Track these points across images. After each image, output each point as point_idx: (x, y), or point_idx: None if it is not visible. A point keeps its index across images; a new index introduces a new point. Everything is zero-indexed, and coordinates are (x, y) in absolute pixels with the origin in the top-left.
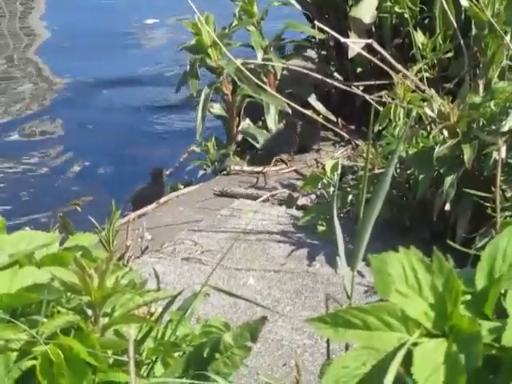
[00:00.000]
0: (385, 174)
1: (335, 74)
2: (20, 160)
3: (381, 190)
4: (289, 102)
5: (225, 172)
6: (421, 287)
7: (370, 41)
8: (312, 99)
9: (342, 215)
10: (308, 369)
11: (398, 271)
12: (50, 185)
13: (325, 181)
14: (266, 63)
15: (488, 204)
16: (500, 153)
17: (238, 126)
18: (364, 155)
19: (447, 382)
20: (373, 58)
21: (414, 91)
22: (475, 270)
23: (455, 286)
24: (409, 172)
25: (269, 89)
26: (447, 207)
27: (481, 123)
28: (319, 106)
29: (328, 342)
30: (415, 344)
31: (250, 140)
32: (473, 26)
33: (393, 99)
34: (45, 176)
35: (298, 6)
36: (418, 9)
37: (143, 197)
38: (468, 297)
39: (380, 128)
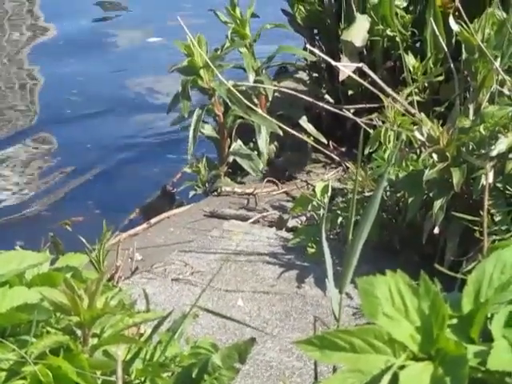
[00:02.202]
0: (374, 197)
1: (326, 97)
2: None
3: (370, 213)
4: (280, 123)
5: (216, 193)
6: (407, 310)
7: (360, 65)
8: (303, 121)
9: (331, 237)
10: None
11: (385, 294)
12: (41, 203)
13: (315, 203)
14: (257, 85)
15: (477, 228)
16: (487, 177)
17: (229, 147)
18: (354, 178)
19: None
20: (363, 82)
21: (404, 115)
22: (462, 293)
23: (441, 310)
24: (398, 195)
25: (260, 111)
26: (436, 230)
27: (470, 147)
28: (310, 128)
29: (315, 364)
30: (401, 367)
31: (240, 163)
32: (463, 51)
33: (383, 122)
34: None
35: (291, 29)
36: (409, 32)
37: (153, 209)
38: (454, 320)
39: (370, 151)
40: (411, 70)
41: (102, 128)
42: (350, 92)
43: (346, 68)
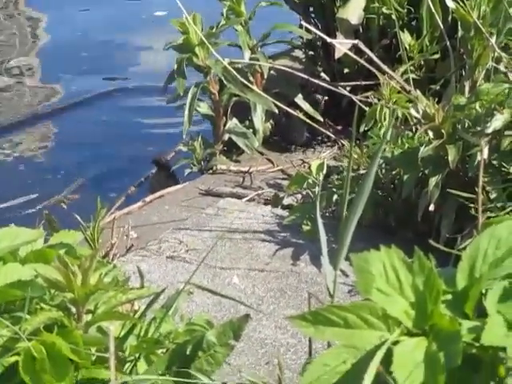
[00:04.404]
0: (367, 174)
1: (322, 74)
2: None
3: (364, 190)
4: (275, 101)
5: (211, 171)
6: (402, 286)
7: (356, 41)
8: (299, 99)
9: (327, 215)
10: (291, 367)
11: (379, 270)
12: (34, 182)
13: (310, 181)
14: (253, 63)
15: (472, 205)
16: (482, 154)
17: (224, 125)
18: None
19: (426, 381)
20: (359, 59)
21: (399, 92)
22: (456, 269)
23: (436, 285)
24: (394, 172)
25: (255, 88)
26: (431, 208)
27: (466, 124)
28: (306, 106)
29: (310, 340)
30: (395, 342)
31: (236, 141)
32: (459, 28)
33: (379, 100)
34: (30, 173)
35: (286, 6)
36: (405, 10)
37: (156, 185)
38: (449, 296)
39: (366, 128)
40: (407, 47)
41: (98, 105)
42: (345, 70)
43: (341, 46)
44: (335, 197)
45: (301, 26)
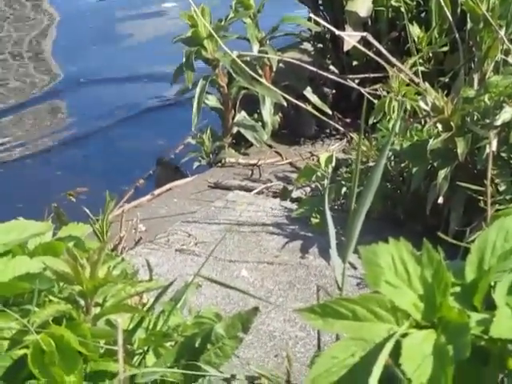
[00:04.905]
0: (376, 167)
1: (331, 67)
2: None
3: (372, 182)
4: (284, 94)
5: (220, 164)
6: (410, 278)
7: (364, 34)
8: (308, 92)
9: (336, 208)
10: (300, 360)
11: (388, 262)
12: (44, 175)
13: (319, 173)
14: (262, 55)
15: (481, 197)
16: (491, 146)
17: (233, 118)
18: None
19: (435, 373)
20: (368, 52)
21: (408, 85)
22: (465, 262)
23: (444, 278)
24: (403, 165)
25: (264, 81)
26: (440, 200)
27: (475, 117)
28: (315, 99)
29: (318, 333)
30: (404, 335)
31: (244, 134)
32: (468, 20)
33: (388, 92)
34: (39, 166)
35: None
36: (415, 2)
37: (163, 179)
38: (457, 288)
39: (375, 121)
40: (416, 40)
41: (106, 97)
42: (354, 62)
43: (350, 38)
44: (344, 189)
45: (309, 19)
